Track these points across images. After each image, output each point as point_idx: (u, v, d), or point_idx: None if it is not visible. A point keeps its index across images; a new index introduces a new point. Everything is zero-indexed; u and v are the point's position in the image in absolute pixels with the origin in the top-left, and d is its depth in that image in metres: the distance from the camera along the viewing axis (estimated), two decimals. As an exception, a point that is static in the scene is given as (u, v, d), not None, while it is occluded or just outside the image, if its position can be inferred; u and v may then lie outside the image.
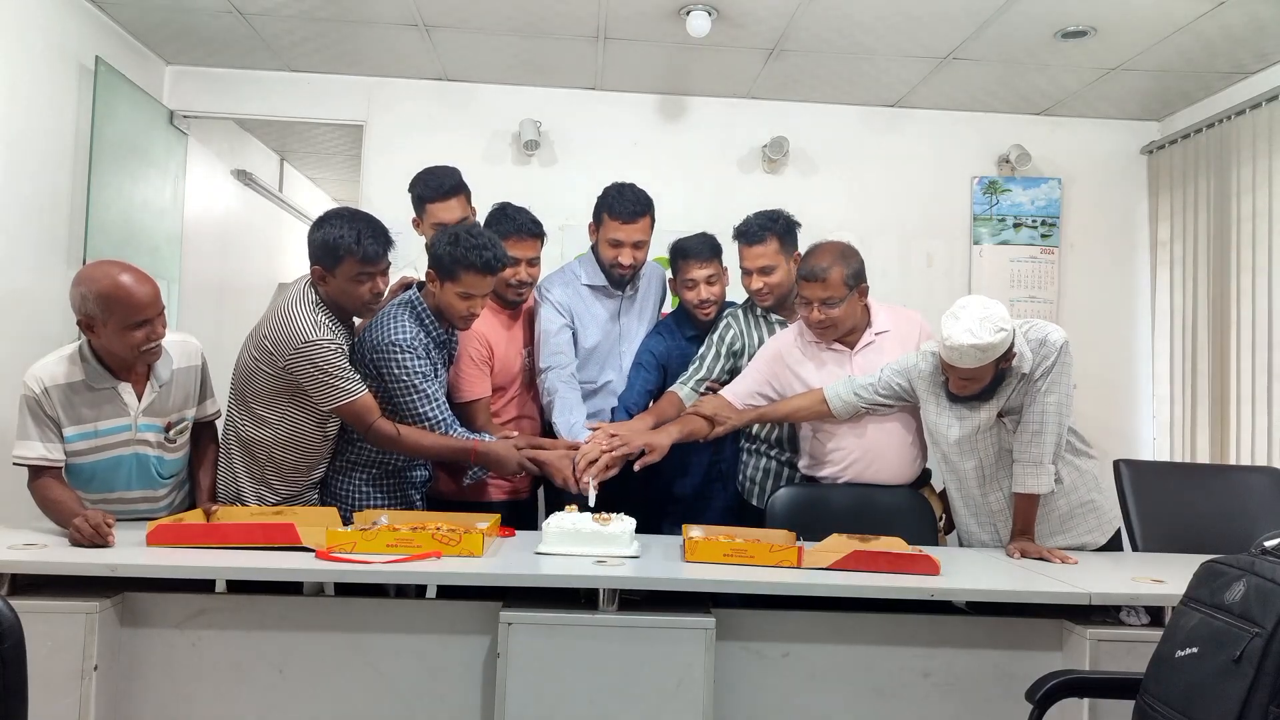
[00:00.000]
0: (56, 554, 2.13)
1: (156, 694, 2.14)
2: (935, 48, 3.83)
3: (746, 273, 2.99)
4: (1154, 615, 2.18)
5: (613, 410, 3.12)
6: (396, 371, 2.59)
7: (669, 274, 3.20)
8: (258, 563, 2.14)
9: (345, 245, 2.52)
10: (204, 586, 2.17)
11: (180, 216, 4.38)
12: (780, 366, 2.89)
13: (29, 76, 3.32)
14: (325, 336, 2.51)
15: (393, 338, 2.59)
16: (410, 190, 3.12)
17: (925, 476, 2.95)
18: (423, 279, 2.74)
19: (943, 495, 2.88)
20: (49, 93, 3.45)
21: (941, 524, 2.90)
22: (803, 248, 2.95)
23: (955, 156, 4.58)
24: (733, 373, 3.05)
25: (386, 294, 2.87)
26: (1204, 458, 4.04)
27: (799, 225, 3.04)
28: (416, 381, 2.60)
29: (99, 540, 2.16)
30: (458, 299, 2.62)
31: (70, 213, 3.57)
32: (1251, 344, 3.82)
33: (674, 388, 3.03)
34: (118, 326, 2.31)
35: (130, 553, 2.14)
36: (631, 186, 3.02)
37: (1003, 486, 2.65)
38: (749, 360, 3.00)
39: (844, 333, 2.83)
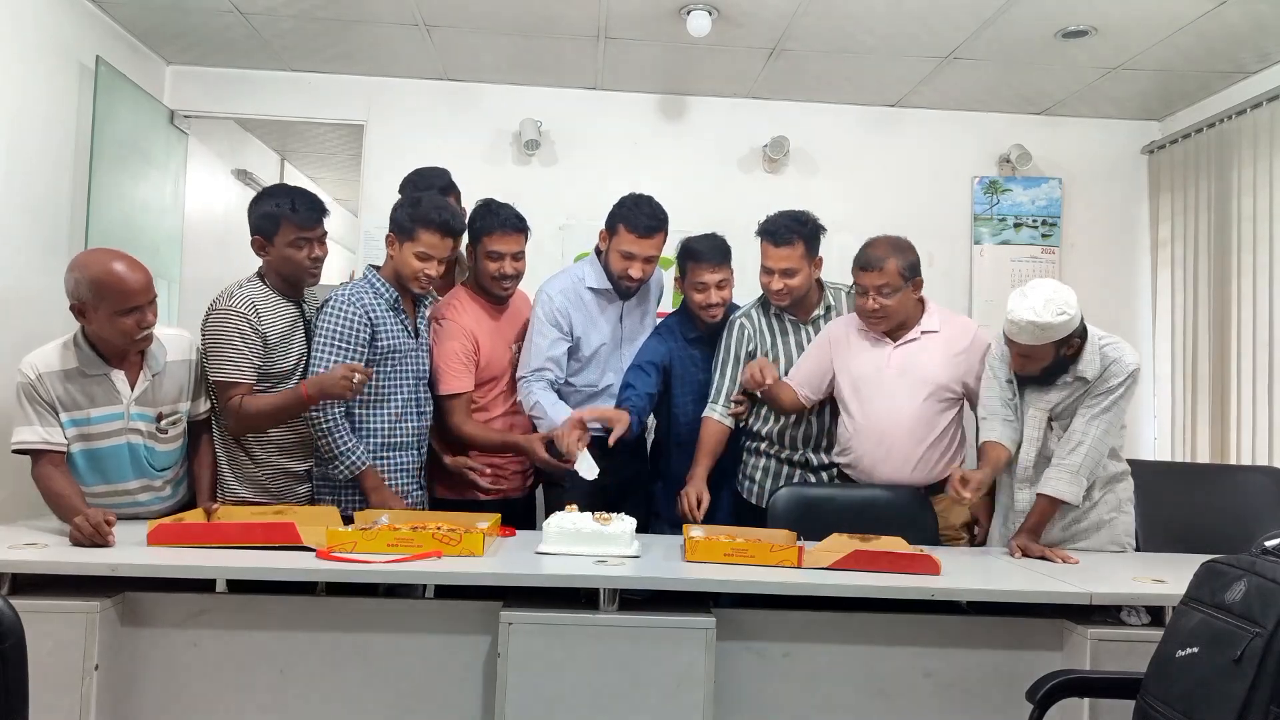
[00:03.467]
0: (57, 554, 2.13)
1: (157, 694, 2.14)
2: (935, 48, 3.83)
3: (767, 271, 2.98)
4: (1154, 615, 2.18)
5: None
6: (322, 322, 2.67)
7: (674, 273, 3.20)
8: (258, 563, 2.14)
9: (281, 211, 2.67)
10: (204, 586, 2.17)
11: (180, 216, 4.38)
12: (826, 352, 2.94)
13: (29, 76, 3.32)
14: (235, 308, 2.62)
15: (337, 293, 2.71)
16: (401, 191, 3.15)
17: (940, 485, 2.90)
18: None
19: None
20: (49, 93, 3.44)
21: (976, 532, 2.90)
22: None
23: (955, 156, 4.58)
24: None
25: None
26: (1204, 458, 4.03)
27: (824, 230, 3.04)
28: (333, 341, 2.65)
29: (99, 540, 2.16)
30: (414, 259, 2.69)
31: (70, 212, 3.57)
32: (1252, 344, 3.81)
33: (706, 414, 3.03)
34: (110, 312, 2.35)
35: (131, 552, 2.14)
36: (649, 199, 2.98)
37: (1033, 489, 2.67)
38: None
39: (896, 324, 2.85)
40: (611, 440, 2.82)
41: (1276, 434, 3.66)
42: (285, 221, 2.67)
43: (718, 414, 3.02)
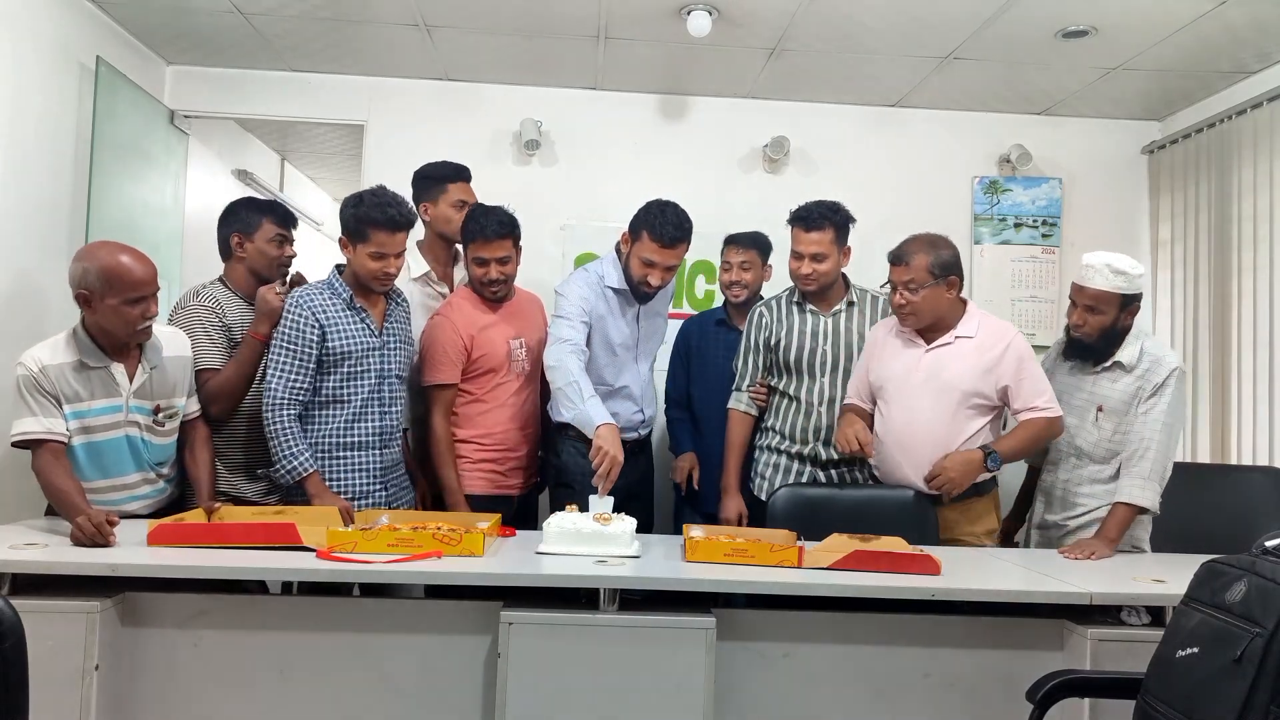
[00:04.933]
0: (57, 554, 2.13)
1: (157, 694, 2.14)
2: (936, 48, 3.83)
3: (797, 256, 3.04)
4: (1155, 615, 2.18)
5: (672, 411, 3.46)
6: (279, 325, 2.71)
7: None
8: (258, 563, 2.14)
9: (261, 212, 2.96)
10: (204, 586, 2.17)
11: (181, 216, 4.38)
12: (866, 356, 2.98)
13: (29, 76, 3.31)
14: (203, 303, 2.83)
15: (295, 295, 2.74)
16: (427, 176, 3.30)
17: (986, 484, 2.87)
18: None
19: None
20: (49, 93, 3.44)
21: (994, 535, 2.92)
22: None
23: (956, 156, 4.58)
24: (770, 367, 3.12)
25: None
26: (1204, 458, 4.03)
27: (854, 221, 3.10)
28: (282, 343, 2.68)
29: (100, 540, 2.16)
30: (369, 259, 2.69)
31: (71, 212, 3.57)
32: (1252, 344, 3.81)
33: (731, 405, 3.16)
34: (116, 301, 2.42)
35: (131, 552, 2.14)
36: (675, 207, 2.97)
37: (1058, 471, 2.84)
38: (781, 350, 3.09)
39: (928, 323, 2.83)
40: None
41: (1276, 434, 3.66)
42: (267, 220, 2.95)
43: (743, 405, 3.15)
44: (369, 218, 2.67)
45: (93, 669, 2.02)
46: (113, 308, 2.42)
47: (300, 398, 2.68)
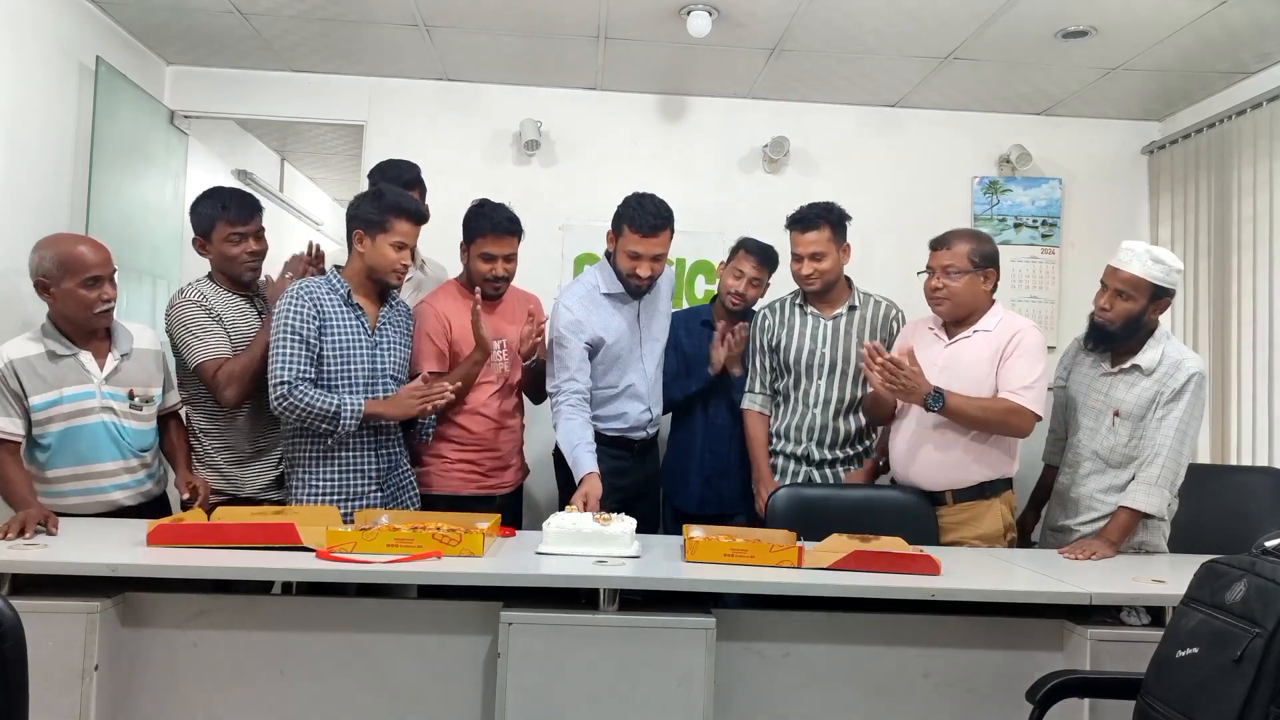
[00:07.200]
0: (57, 554, 2.13)
1: (157, 694, 2.14)
2: (935, 48, 3.83)
3: (797, 258, 3.08)
4: (1155, 615, 2.18)
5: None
6: (276, 314, 2.69)
7: (721, 260, 3.48)
8: (258, 563, 2.14)
9: (214, 211, 2.84)
10: (204, 586, 2.17)
11: (181, 216, 4.36)
12: (897, 346, 2.96)
13: (29, 76, 3.32)
14: (188, 299, 2.81)
15: (294, 285, 2.72)
16: (370, 178, 3.28)
17: (994, 486, 2.84)
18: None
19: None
20: (49, 93, 3.44)
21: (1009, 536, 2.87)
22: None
23: (955, 156, 4.58)
24: (774, 369, 3.17)
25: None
26: (1204, 458, 4.02)
27: (850, 218, 3.12)
28: (284, 329, 2.64)
29: (10, 535, 2.23)
30: (390, 250, 2.71)
31: (71, 212, 3.56)
32: (1252, 344, 3.81)
33: (746, 406, 3.20)
34: (73, 284, 2.51)
35: (131, 552, 2.14)
36: (652, 198, 2.98)
37: (1075, 474, 2.80)
38: (782, 351, 3.13)
39: (961, 314, 2.83)
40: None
41: (1276, 434, 3.66)
42: (220, 220, 2.83)
43: (758, 404, 3.19)
44: (395, 207, 2.69)
45: (93, 669, 2.02)
46: (69, 291, 2.51)
47: (308, 376, 2.63)
